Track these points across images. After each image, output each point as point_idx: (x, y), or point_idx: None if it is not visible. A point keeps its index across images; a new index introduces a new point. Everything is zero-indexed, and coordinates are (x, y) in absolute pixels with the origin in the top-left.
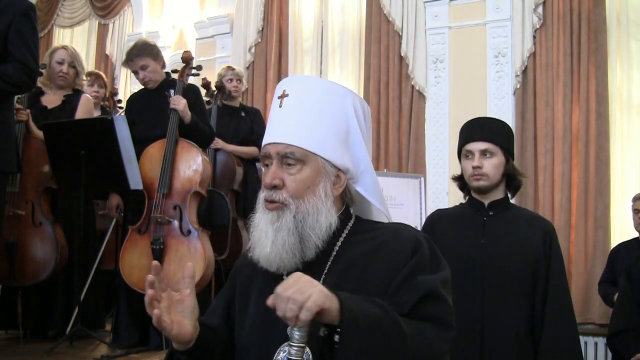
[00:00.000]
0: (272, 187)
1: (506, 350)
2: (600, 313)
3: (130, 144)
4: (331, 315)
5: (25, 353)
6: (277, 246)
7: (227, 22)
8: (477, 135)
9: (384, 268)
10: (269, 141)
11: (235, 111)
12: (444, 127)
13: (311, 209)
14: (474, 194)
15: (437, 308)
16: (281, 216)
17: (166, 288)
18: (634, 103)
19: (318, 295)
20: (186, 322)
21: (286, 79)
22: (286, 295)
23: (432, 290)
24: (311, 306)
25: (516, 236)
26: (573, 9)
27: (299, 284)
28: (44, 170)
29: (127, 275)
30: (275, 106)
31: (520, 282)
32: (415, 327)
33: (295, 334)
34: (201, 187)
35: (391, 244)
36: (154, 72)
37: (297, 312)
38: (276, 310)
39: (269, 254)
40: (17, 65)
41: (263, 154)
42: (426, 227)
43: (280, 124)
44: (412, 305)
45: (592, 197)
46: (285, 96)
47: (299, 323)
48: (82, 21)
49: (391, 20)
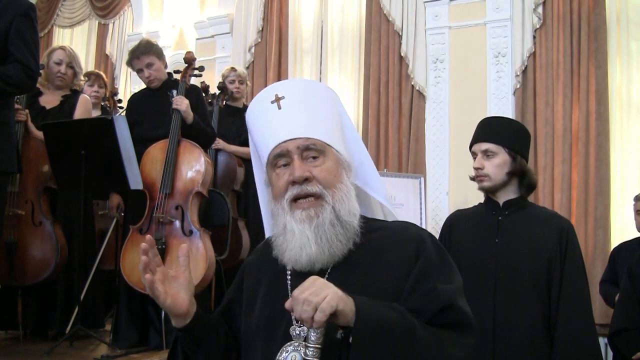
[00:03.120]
0: (303, 180)
1: (520, 350)
2: (601, 313)
3: (130, 143)
4: (346, 317)
5: (25, 353)
6: (323, 242)
7: (227, 22)
8: (480, 136)
9: (388, 271)
10: (283, 139)
11: (238, 112)
12: (444, 127)
13: (344, 196)
14: (489, 194)
15: (456, 318)
16: (319, 212)
17: (160, 264)
18: (634, 103)
19: (332, 297)
20: (182, 294)
21: (271, 86)
22: (302, 298)
23: (451, 303)
24: (325, 307)
25: (530, 235)
26: (573, 9)
27: (314, 287)
28: (44, 170)
29: (128, 275)
30: (272, 110)
31: (534, 281)
32: (433, 333)
33: (311, 335)
34: (203, 188)
35: (395, 246)
36: (159, 70)
37: (312, 314)
38: (293, 312)
39: (314, 253)
40: (17, 66)
41: (277, 154)
42: (444, 228)
43: (287, 122)
44: (430, 317)
45: (592, 197)
46: (281, 98)
47: (314, 324)
48: (82, 21)
49: (391, 20)
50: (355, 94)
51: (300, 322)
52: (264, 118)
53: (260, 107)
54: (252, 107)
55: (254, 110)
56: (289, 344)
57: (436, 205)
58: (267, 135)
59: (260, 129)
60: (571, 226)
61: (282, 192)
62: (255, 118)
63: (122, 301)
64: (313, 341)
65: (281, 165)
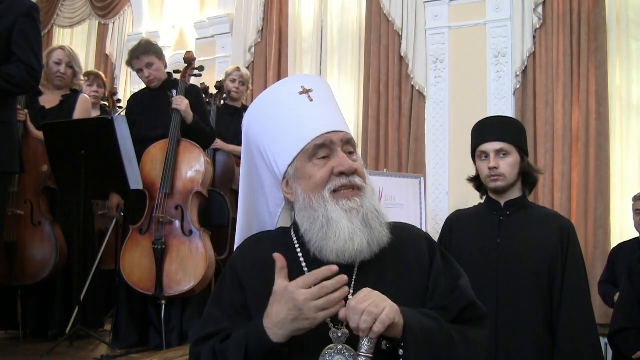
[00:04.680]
0: (353, 171)
1: (522, 350)
2: (601, 313)
3: (130, 143)
4: (397, 329)
5: (25, 353)
6: (372, 232)
7: (227, 22)
8: (492, 136)
9: (413, 270)
10: (326, 130)
11: (237, 112)
12: (444, 127)
13: (373, 192)
14: (491, 194)
15: (476, 313)
16: (363, 202)
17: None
18: (634, 103)
19: (390, 310)
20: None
21: (292, 77)
22: (361, 308)
23: (472, 301)
24: (385, 319)
25: (532, 235)
26: (573, 8)
27: (372, 298)
28: (43, 170)
29: (128, 275)
30: (304, 101)
31: (536, 281)
32: (461, 333)
33: (364, 345)
34: (203, 188)
35: (412, 245)
36: (159, 70)
37: (371, 325)
38: (349, 321)
39: (364, 242)
40: (20, 66)
41: (319, 144)
42: (445, 228)
43: (324, 115)
44: (456, 315)
45: (592, 197)
46: (310, 91)
47: (371, 335)
48: (82, 21)
49: (391, 20)
50: (355, 94)
51: (346, 328)
52: (295, 108)
53: (288, 97)
54: (276, 97)
55: (280, 100)
56: (331, 347)
57: (436, 206)
58: (303, 124)
59: (290, 119)
60: (572, 226)
61: (323, 183)
62: (284, 108)
63: (122, 301)
64: (365, 351)
65: (321, 156)
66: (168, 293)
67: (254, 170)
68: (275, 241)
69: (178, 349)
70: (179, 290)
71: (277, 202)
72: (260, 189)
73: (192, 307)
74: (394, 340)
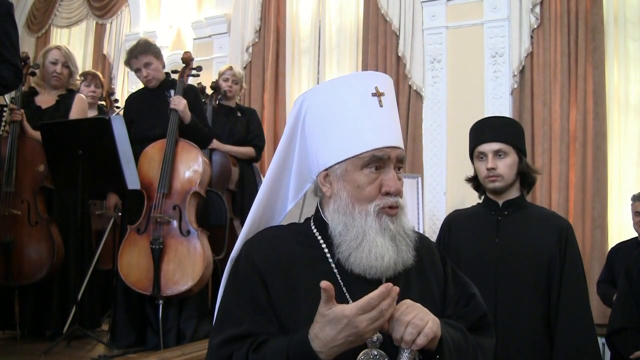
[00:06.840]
0: (399, 192)
1: (521, 350)
2: (599, 313)
3: (127, 143)
4: (434, 342)
5: (23, 353)
6: (401, 252)
7: (224, 22)
8: (490, 136)
9: (431, 277)
10: (387, 144)
11: (232, 111)
12: (441, 127)
13: (407, 211)
14: (489, 194)
15: (487, 322)
16: (402, 222)
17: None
18: (631, 103)
19: (433, 323)
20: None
21: (368, 74)
22: (406, 320)
23: (485, 311)
24: (429, 333)
25: (530, 235)
26: (570, 8)
27: (416, 310)
28: (40, 169)
29: (126, 274)
30: (373, 104)
31: (534, 281)
32: (477, 342)
33: (404, 356)
34: (201, 188)
35: (427, 253)
36: (157, 70)
37: (415, 337)
38: (392, 332)
39: (392, 261)
40: (9, 67)
41: (377, 156)
42: (443, 228)
43: (389, 125)
44: (472, 324)
45: (589, 197)
46: (382, 94)
47: (414, 346)
48: (80, 21)
49: (388, 20)
50: None
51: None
52: (364, 110)
53: (360, 96)
54: (347, 91)
55: (351, 95)
56: (366, 352)
57: (433, 206)
58: (367, 130)
59: (356, 119)
60: (570, 226)
61: (371, 198)
62: (352, 105)
63: (120, 301)
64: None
65: (373, 167)
66: (165, 293)
67: (290, 151)
68: (295, 238)
69: (175, 349)
70: (176, 290)
71: (297, 189)
72: (289, 170)
73: (190, 307)
74: (428, 351)
